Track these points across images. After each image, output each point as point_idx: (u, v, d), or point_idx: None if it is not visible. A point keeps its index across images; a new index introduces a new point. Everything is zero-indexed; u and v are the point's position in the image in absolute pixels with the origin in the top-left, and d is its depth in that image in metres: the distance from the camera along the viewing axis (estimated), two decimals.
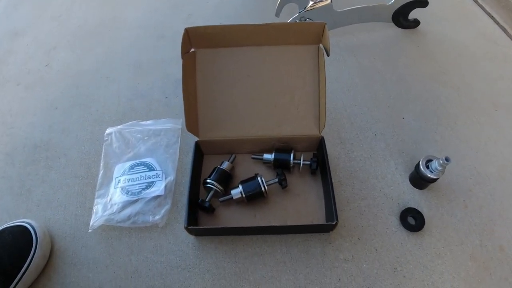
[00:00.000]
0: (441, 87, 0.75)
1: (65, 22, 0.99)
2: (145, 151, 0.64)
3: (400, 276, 0.51)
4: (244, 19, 0.93)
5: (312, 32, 0.55)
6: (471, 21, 0.91)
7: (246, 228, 0.55)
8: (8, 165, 0.67)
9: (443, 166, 0.53)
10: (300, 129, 0.59)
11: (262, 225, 0.55)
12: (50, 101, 0.78)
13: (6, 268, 0.50)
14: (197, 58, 0.58)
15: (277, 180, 0.56)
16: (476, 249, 0.54)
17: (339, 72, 0.77)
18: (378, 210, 0.57)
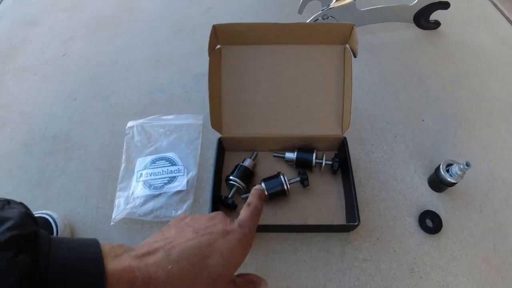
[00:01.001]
0: (460, 90, 0.75)
1: (80, 11, 0.98)
2: (166, 146, 0.64)
3: (416, 277, 0.52)
4: (265, 14, 0.93)
5: (339, 33, 0.55)
6: (490, 25, 0.91)
7: (268, 226, 0.55)
8: (26, 155, 0.68)
9: (463, 171, 0.54)
10: (323, 129, 0.59)
11: (284, 224, 0.56)
12: (68, 92, 0.78)
13: None
14: (222, 55, 0.58)
15: (299, 179, 0.57)
16: (489, 253, 0.55)
17: (360, 72, 0.78)
18: (397, 212, 0.58)
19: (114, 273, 0.27)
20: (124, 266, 0.27)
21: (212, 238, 0.32)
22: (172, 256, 0.29)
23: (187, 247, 0.30)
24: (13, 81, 0.82)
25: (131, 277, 0.27)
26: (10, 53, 0.88)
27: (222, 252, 0.31)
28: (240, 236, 0.33)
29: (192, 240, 0.31)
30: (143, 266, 0.28)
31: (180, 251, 0.30)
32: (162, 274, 0.28)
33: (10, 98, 0.78)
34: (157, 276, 0.28)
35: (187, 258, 0.30)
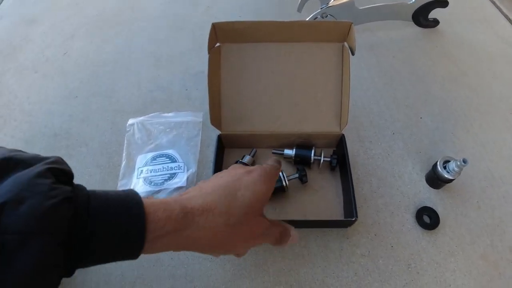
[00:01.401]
0: (459, 88, 0.75)
1: (82, 10, 0.99)
2: (166, 143, 0.65)
3: (414, 272, 0.53)
4: (264, 12, 0.94)
5: (338, 31, 0.55)
6: (489, 23, 0.91)
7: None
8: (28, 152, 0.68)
9: (460, 168, 0.54)
10: (321, 126, 0.60)
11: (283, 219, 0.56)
12: (69, 90, 0.78)
13: None
14: (222, 53, 0.58)
15: (297, 176, 0.57)
16: (487, 249, 0.55)
17: (359, 70, 0.78)
18: (394, 208, 0.59)
19: (153, 204, 0.29)
20: (161, 200, 0.30)
21: (238, 177, 0.35)
22: (204, 190, 0.33)
23: (217, 184, 0.34)
24: (14, 79, 0.82)
25: (167, 207, 0.29)
26: (11, 52, 0.88)
27: (248, 186, 0.35)
28: (262, 172, 0.37)
29: (221, 180, 0.35)
30: (178, 200, 0.31)
31: (211, 187, 0.34)
32: (196, 204, 0.31)
33: (11, 96, 0.78)
34: (192, 205, 0.31)
35: (218, 190, 0.33)
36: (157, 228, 0.28)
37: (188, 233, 0.30)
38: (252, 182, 0.35)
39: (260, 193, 0.35)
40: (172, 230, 0.29)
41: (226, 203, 0.32)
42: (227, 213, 0.32)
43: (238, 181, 0.35)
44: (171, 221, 0.29)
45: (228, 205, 0.32)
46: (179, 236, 0.30)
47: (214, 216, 0.31)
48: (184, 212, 0.30)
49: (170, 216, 0.29)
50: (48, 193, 0.24)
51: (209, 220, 0.31)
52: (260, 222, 0.36)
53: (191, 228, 0.30)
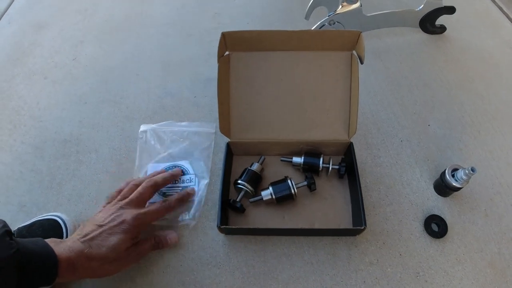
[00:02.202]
0: (466, 95, 0.75)
1: (91, 16, 0.99)
2: (179, 153, 0.65)
3: (422, 281, 0.53)
4: (271, 18, 0.94)
5: (347, 39, 0.56)
6: (496, 29, 0.91)
7: (276, 229, 0.56)
8: (37, 158, 0.69)
9: (469, 176, 0.54)
10: (330, 134, 0.60)
11: (291, 227, 0.57)
12: (79, 96, 0.79)
13: None
14: (231, 61, 0.59)
15: (306, 183, 0.57)
16: (494, 257, 0.55)
17: (366, 76, 0.78)
18: (403, 216, 0.59)
19: (59, 255, 0.43)
20: (62, 251, 0.44)
21: (111, 230, 0.48)
22: (85, 244, 0.46)
23: (95, 238, 0.47)
24: (23, 84, 0.83)
25: (69, 257, 0.44)
26: (20, 57, 0.89)
27: (117, 235, 0.48)
28: (130, 224, 0.49)
29: (98, 232, 0.48)
30: (72, 250, 0.45)
31: (90, 240, 0.47)
32: (83, 255, 0.45)
33: (20, 102, 0.79)
34: (80, 255, 0.45)
35: (95, 243, 0.46)
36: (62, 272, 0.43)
37: (80, 272, 0.45)
38: (121, 230, 0.48)
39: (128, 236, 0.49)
40: (71, 272, 0.44)
41: (101, 250, 0.46)
42: (102, 258, 0.47)
43: (110, 234, 0.48)
44: (70, 267, 0.44)
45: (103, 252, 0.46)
46: (75, 275, 0.45)
47: (93, 261, 0.46)
48: (76, 261, 0.44)
49: (70, 264, 0.44)
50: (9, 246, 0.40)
51: (91, 264, 0.46)
52: (130, 253, 0.50)
53: (81, 270, 0.45)
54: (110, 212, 0.51)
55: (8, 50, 0.91)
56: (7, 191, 0.65)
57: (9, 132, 0.74)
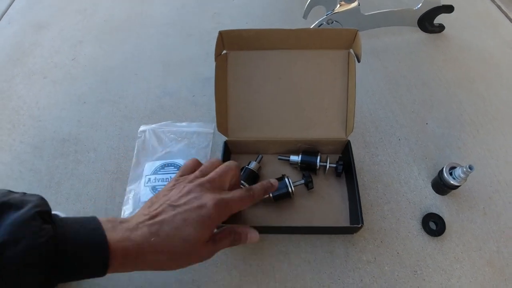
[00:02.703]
0: (465, 94, 0.75)
1: (91, 16, 1.00)
2: (177, 152, 0.66)
3: (419, 279, 0.53)
4: (271, 18, 0.94)
5: (343, 38, 0.56)
6: (496, 28, 0.91)
7: (273, 227, 0.56)
8: (36, 157, 0.69)
9: (466, 174, 0.54)
10: (327, 132, 0.60)
11: (289, 225, 0.57)
12: (78, 95, 0.79)
13: None
14: (228, 60, 0.59)
15: (303, 182, 0.57)
16: (493, 255, 0.55)
17: (364, 76, 0.78)
18: (400, 214, 0.59)
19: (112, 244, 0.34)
20: (119, 238, 0.35)
21: (186, 214, 0.38)
22: (152, 229, 0.37)
23: (165, 222, 0.37)
24: (23, 84, 0.83)
25: (125, 247, 0.35)
26: (20, 57, 0.90)
27: (194, 225, 0.38)
28: (211, 211, 0.39)
29: (170, 216, 0.38)
30: (133, 237, 0.36)
31: (159, 226, 0.37)
32: (146, 245, 0.36)
33: (20, 102, 0.80)
34: (143, 246, 0.36)
35: (164, 231, 0.37)
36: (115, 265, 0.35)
37: (139, 266, 0.37)
38: (200, 221, 0.38)
39: (206, 229, 0.39)
40: (127, 265, 0.36)
41: (172, 243, 0.37)
42: (170, 252, 0.37)
43: (185, 221, 0.38)
44: (126, 260, 0.36)
45: (173, 245, 0.37)
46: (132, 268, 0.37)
47: (159, 255, 0.37)
48: (136, 252, 0.36)
49: (126, 256, 0.35)
50: (39, 233, 0.31)
51: (156, 258, 0.37)
52: (205, 249, 0.40)
53: (142, 263, 0.37)
54: (187, 190, 0.41)
55: (8, 50, 0.92)
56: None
57: (8, 131, 0.74)
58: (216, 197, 0.40)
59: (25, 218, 0.31)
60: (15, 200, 0.33)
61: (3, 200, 0.32)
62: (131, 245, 0.35)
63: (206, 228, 0.39)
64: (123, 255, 0.35)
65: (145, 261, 0.37)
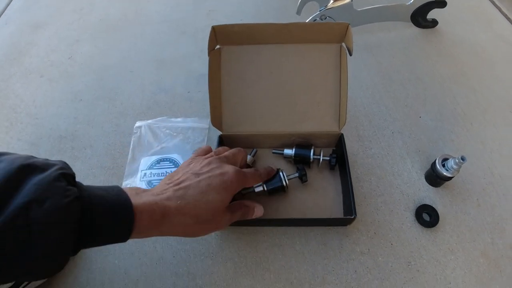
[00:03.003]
0: (458, 88, 0.76)
1: (87, 15, 1.01)
2: (172, 147, 0.66)
3: (413, 270, 0.53)
4: (265, 16, 0.95)
5: (335, 32, 0.56)
6: (489, 23, 0.91)
7: (267, 220, 0.57)
8: (33, 154, 0.68)
9: (459, 165, 0.55)
10: (320, 126, 0.61)
11: (283, 218, 0.57)
12: (74, 93, 0.80)
13: None
14: (222, 55, 0.60)
15: (297, 175, 0.58)
16: (487, 247, 0.55)
17: (358, 70, 0.79)
18: (394, 206, 0.59)
19: (137, 206, 0.35)
20: (144, 201, 0.36)
21: (210, 180, 0.41)
22: (178, 193, 0.38)
23: (191, 187, 0.39)
24: (20, 83, 0.84)
25: (151, 209, 0.36)
26: (17, 56, 0.90)
27: (217, 190, 0.40)
28: (232, 178, 0.42)
29: (194, 182, 0.40)
30: (158, 200, 0.37)
31: (185, 190, 0.39)
32: (172, 207, 0.37)
33: (17, 100, 0.80)
34: (169, 208, 0.37)
35: (191, 195, 0.39)
36: (141, 227, 0.35)
37: (165, 229, 0.38)
38: (223, 187, 0.41)
39: (228, 195, 0.42)
40: (153, 227, 0.37)
41: (197, 206, 0.39)
42: (196, 215, 0.39)
43: (209, 186, 0.40)
44: (152, 221, 0.36)
45: (198, 207, 0.39)
46: (157, 231, 0.38)
47: (185, 217, 0.38)
48: (162, 214, 0.37)
49: (152, 217, 0.36)
50: (64, 193, 0.31)
51: (181, 220, 0.38)
52: (224, 217, 0.43)
53: (168, 225, 0.38)
54: (207, 161, 0.44)
55: (5, 50, 0.92)
56: None
57: (5, 129, 0.74)
58: (235, 167, 0.44)
59: (50, 179, 0.31)
60: (39, 163, 0.33)
61: (27, 162, 0.32)
62: (157, 207, 0.36)
63: (228, 192, 0.42)
64: (148, 217, 0.35)
65: (171, 224, 0.37)
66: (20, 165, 0.31)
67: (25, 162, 0.32)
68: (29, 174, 0.31)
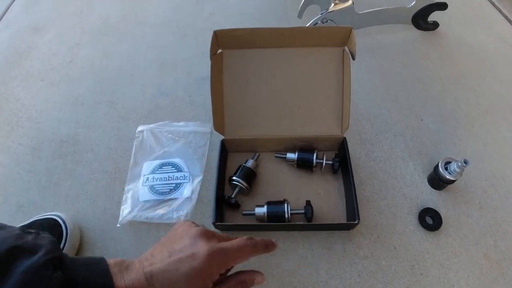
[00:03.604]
0: (460, 90, 0.76)
1: (86, 18, 1.00)
2: (174, 151, 0.66)
3: (417, 274, 0.53)
4: (265, 18, 0.95)
5: (338, 36, 0.56)
6: (489, 24, 0.92)
7: (271, 225, 0.57)
8: (35, 158, 0.70)
9: (462, 169, 0.55)
10: (323, 129, 0.61)
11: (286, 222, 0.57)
12: (75, 97, 0.80)
13: None
14: (224, 59, 0.60)
15: (303, 211, 0.55)
16: (490, 249, 0.55)
17: (360, 73, 0.79)
18: (397, 210, 0.59)
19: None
20: (127, 284, 0.35)
21: (179, 264, 0.36)
22: (149, 277, 0.36)
23: (160, 272, 0.36)
24: (21, 87, 0.84)
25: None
26: (17, 60, 0.90)
27: (186, 278, 0.35)
28: (203, 262, 0.36)
29: (165, 264, 0.36)
30: (143, 280, 0.35)
31: (155, 274, 0.36)
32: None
33: (18, 104, 0.80)
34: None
35: (159, 281, 0.35)
36: None
37: None
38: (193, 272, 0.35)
39: (201, 280, 0.36)
40: None
41: None
42: None
43: (178, 271, 0.36)
44: None
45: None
46: None
47: None
48: None
49: None
50: (50, 282, 0.32)
51: None
52: None
53: None
54: (184, 234, 0.39)
55: (6, 53, 0.92)
56: (5, 191, 0.65)
57: (7, 134, 0.74)
58: (210, 245, 0.37)
59: (37, 266, 0.32)
60: (28, 244, 0.34)
61: (16, 244, 0.33)
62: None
63: (199, 280, 0.36)
64: None
65: None
66: (9, 247, 0.33)
67: (14, 244, 0.33)
68: (18, 259, 0.32)
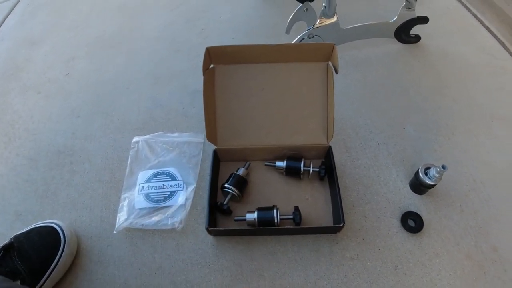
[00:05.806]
0: (441, 99, 0.79)
1: (82, 32, 1.03)
2: (169, 161, 0.69)
3: (400, 273, 0.56)
4: (255, 34, 0.98)
5: (322, 51, 0.60)
6: (471, 35, 0.94)
7: (262, 229, 0.59)
8: (32, 169, 0.72)
9: (440, 173, 0.58)
10: (310, 139, 0.64)
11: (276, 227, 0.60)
12: (71, 109, 0.82)
13: (35, 267, 0.53)
14: (216, 74, 0.63)
15: (292, 217, 0.58)
16: (471, 250, 0.58)
17: (345, 85, 0.82)
18: (381, 213, 0.62)
19: None
20: None
21: None
22: None
23: None
24: (18, 99, 0.86)
25: None
26: (14, 72, 0.92)
27: None
28: None
29: None
30: None
31: None
32: None
33: (15, 116, 0.82)
34: None
35: None
36: None
37: None
38: None
39: None
40: None
41: None
42: None
43: None
44: None
45: None
46: None
47: None
48: None
49: None
50: None
51: None
52: None
53: None
54: None
55: (2, 66, 0.94)
56: (3, 200, 0.67)
57: (4, 145, 0.76)
58: None
59: None
60: None
61: None
62: None
63: None
64: None
65: None
66: None
67: None
68: None
